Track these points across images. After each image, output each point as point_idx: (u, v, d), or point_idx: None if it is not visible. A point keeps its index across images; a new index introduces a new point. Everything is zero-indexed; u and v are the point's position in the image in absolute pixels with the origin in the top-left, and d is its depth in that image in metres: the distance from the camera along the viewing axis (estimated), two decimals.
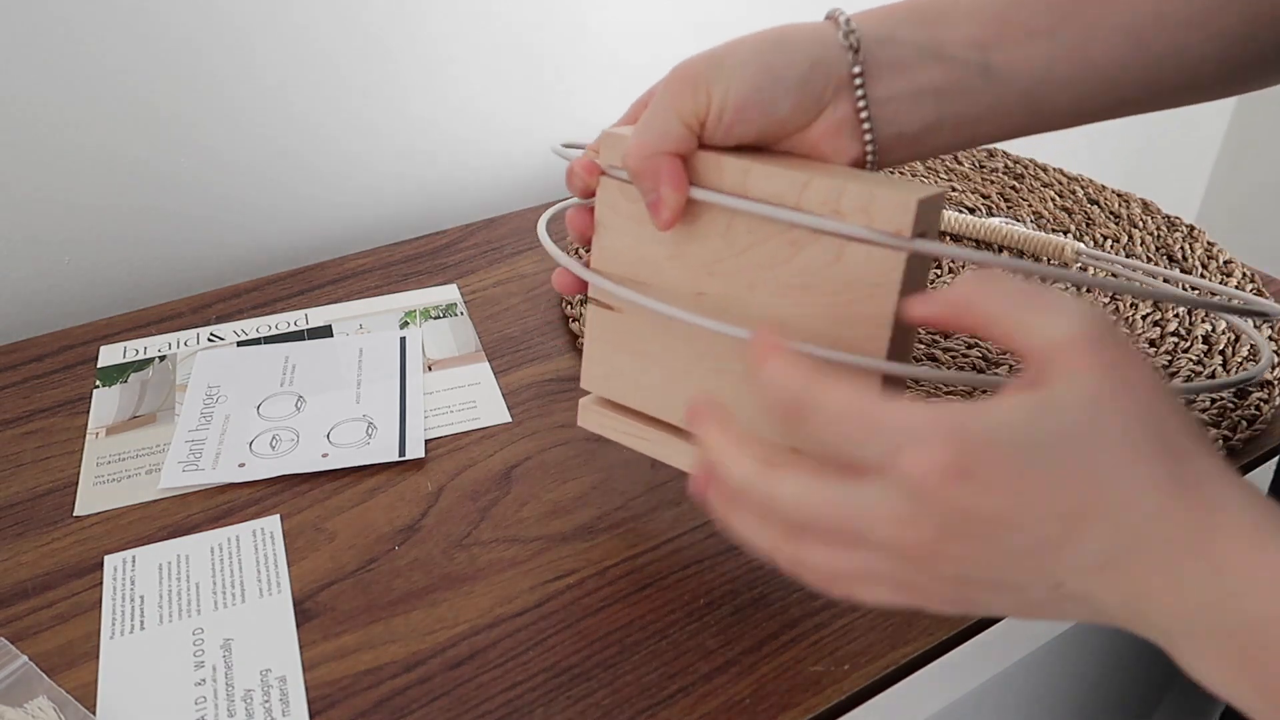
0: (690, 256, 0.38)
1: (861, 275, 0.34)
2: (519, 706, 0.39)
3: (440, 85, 0.76)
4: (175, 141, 0.68)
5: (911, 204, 0.32)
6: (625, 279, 0.40)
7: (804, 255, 0.35)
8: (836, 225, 0.34)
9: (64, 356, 0.60)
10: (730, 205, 0.36)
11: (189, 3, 0.64)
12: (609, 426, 0.43)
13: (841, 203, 0.34)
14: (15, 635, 0.43)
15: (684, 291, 0.38)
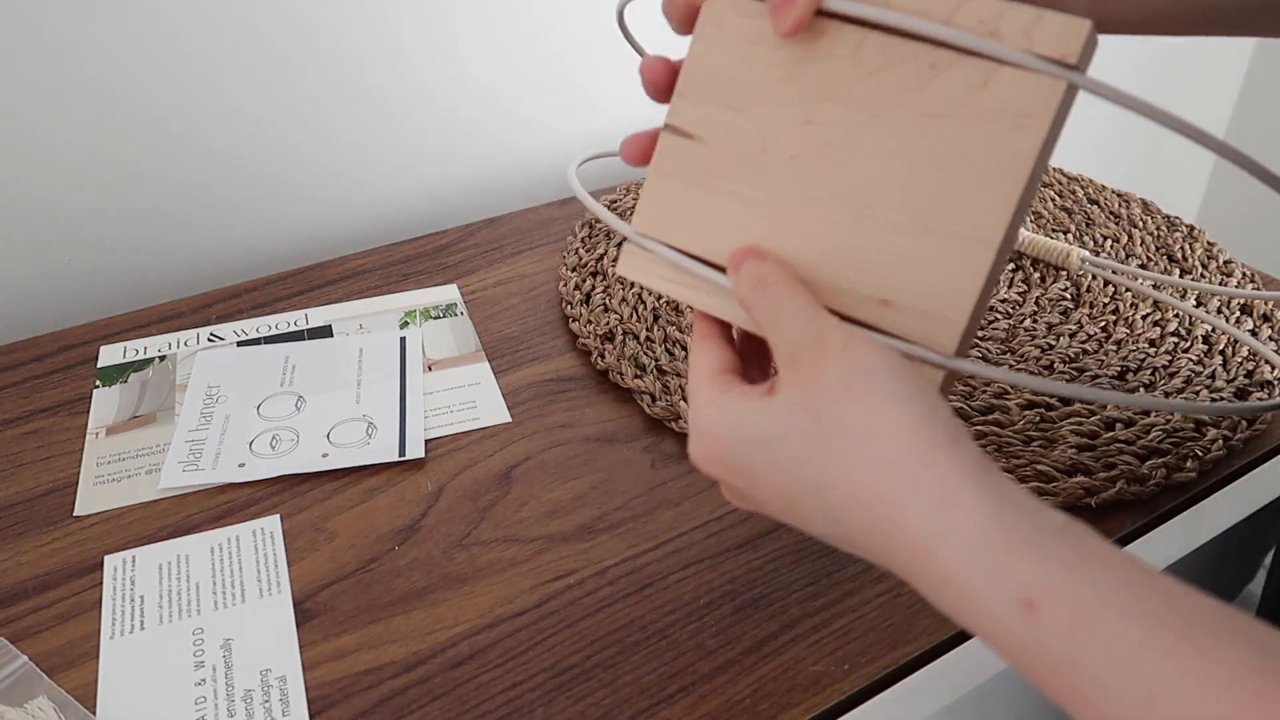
0: (807, 78, 0.34)
1: (1011, 104, 0.31)
2: (519, 706, 0.39)
3: (441, 85, 0.76)
4: (175, 142, 0.68)
5: (1084, 26, 0.30)
6: (718, 105, 0.36)
7: (944, 80, 0.32)
8: (994, 46, 0.30)
9: (64, 356, 0.60)
10: (874, 16, 0.32)
11: (188, 3, 0.64)
12: (659, 274, 0.38)
13: (1001, 23, 0.31)
14: (15, 635, 0.43)
15: (791, 120, 0.35)
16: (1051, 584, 0.24)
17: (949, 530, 0.26)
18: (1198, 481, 0.50)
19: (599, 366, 0.58)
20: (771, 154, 0.35)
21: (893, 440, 0.27)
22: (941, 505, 0.26)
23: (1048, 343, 0.58)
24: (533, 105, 0.81)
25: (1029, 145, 0.31)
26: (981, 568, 0.25)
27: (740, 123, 0.36)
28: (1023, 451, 0.50)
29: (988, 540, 0.25)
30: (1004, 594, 0.25)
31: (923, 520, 0.26)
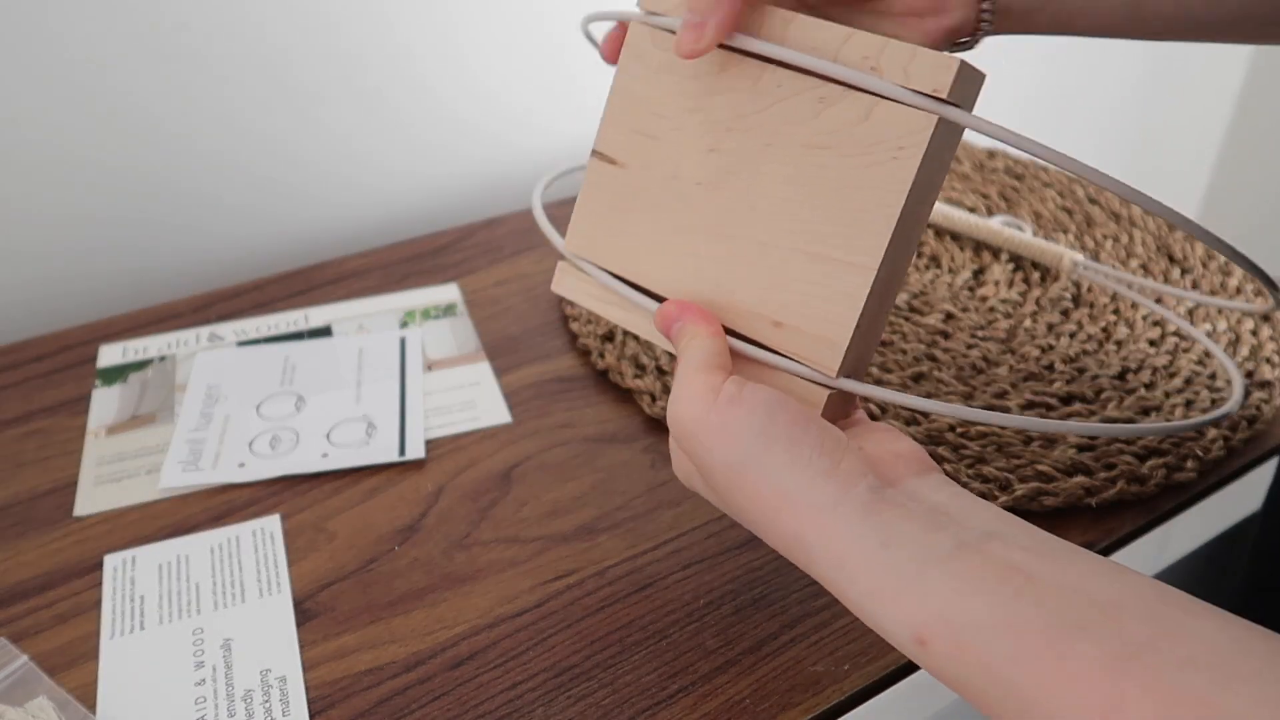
0: (712, 110, 0.37)
1: (888, 136, 0.33)
2: (519, 706, 0.39)
3: (441, 85, 0.76)
4: (175, 142, 0.68)
5: (954, 64, 0.31)
6: (637, 132, 0.39)
7: (831, 112, 0.34)
8: (872, 81, 0.32)
9: (64, 356, 0.60)
10: (771, 53, 0.34)
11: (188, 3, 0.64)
12: (585, 292, 0.41)
13: (882, 58, 0.33)
14: (15, 635, 0.43)
15: (697, 148, 0.37)
16: (935, 619, 0.27)
17: (849, 583, 0.29)
18: (1198, 481, 0.50)
19: (599, 366, 0.58)
20: (681, 180, 0.38)
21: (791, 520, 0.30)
22: (838, 564, 0.29)
23: (1048, 343, 0.58)
24: (533, 105, 0.81)
25: (904, 175, 0.33)
26: (879, 613, 0.28)
27: (655, 149, 0.38)
28: (1023, 451, 0.50)
29: (880, 589, 0.28)
30: (901, 633, 0.28)
31: (827, 573, 0.30)
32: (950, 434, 0.51)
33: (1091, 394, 0.54)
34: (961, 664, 0.26)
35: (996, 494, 0.47)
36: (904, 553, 0.28)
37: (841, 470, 0.30)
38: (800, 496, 0.30)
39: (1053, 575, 0.26)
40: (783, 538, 0.31)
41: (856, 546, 0.29)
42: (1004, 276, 0.64)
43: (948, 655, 0.27)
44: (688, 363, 0.34)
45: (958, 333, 0.59)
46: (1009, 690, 0.25)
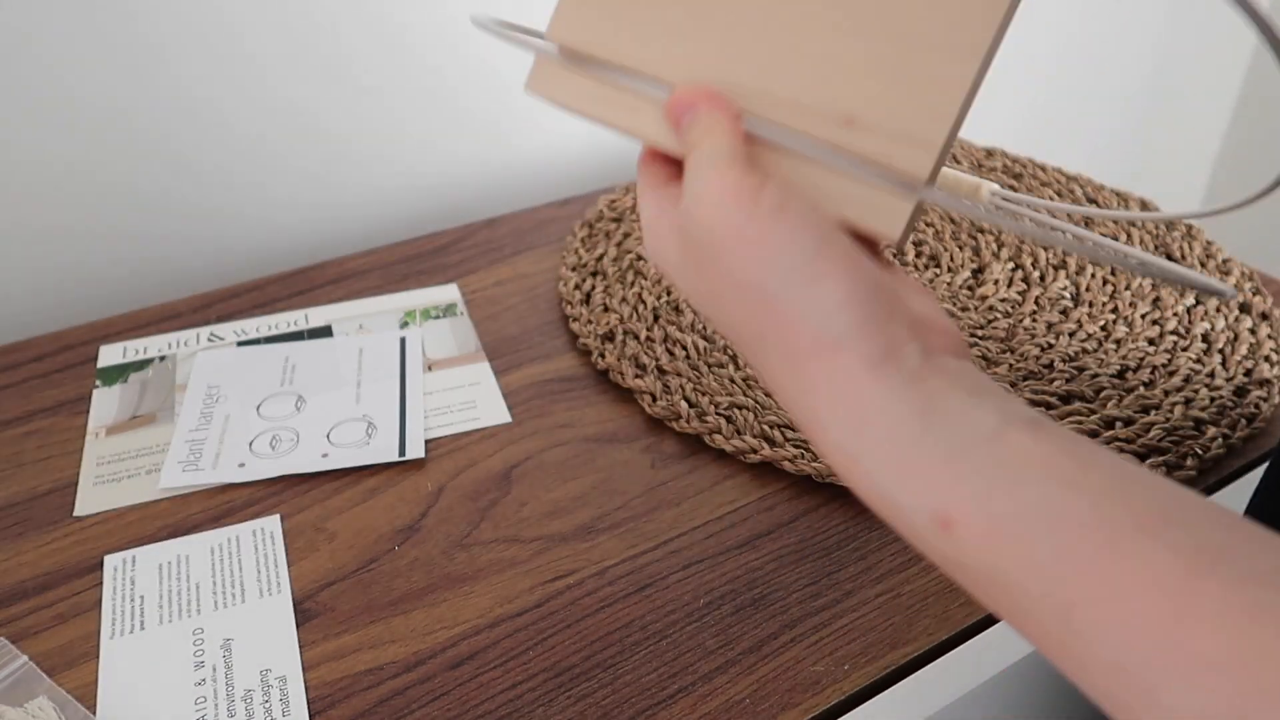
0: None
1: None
2: (519, 706, 0.39)
3: (441, 85, 0.76)
4: (175, 141, 0.68)
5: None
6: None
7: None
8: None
9: (64, 356, 0.60)
10: None
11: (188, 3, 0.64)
12: (575, 91, 0.33)
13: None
14: (15, 635, 0.43)
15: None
16: (968, 501, 0.24)
17: (866, 450, 0.25)
18: (1198, 480, 0.50)
19: (599, 366, 0.58)
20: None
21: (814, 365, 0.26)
22: (858, 427, 0.25)
23: (1047, 341, 0.58)
24: (533, 105, 0.81)
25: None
26: (896, 488, 0.25)
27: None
28: None
29: (906, 461, 0.25)
30: (922, 513, 0.24)
31: (840, 440, 0.26)
32: None
33: (1091, 393, 0.54)
34: (994, 554, 0.23)
35: None
36: (945, 426, 0.25)
37: (893, 325, 0.26)
38: (840, 344, 0.26)
39: (1110, 472, 0.23)
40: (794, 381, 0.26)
41: (891, 411, 0.25)
42: (1003, 276, 0.64)
43: (977, 543, 0.24)
44: (713, 154, 0.28)
45: None
46: (1051, 588, 0.22)
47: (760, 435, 0.51)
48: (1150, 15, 1.20)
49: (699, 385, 0.55)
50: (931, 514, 0.24)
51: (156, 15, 0.64)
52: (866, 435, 0.25)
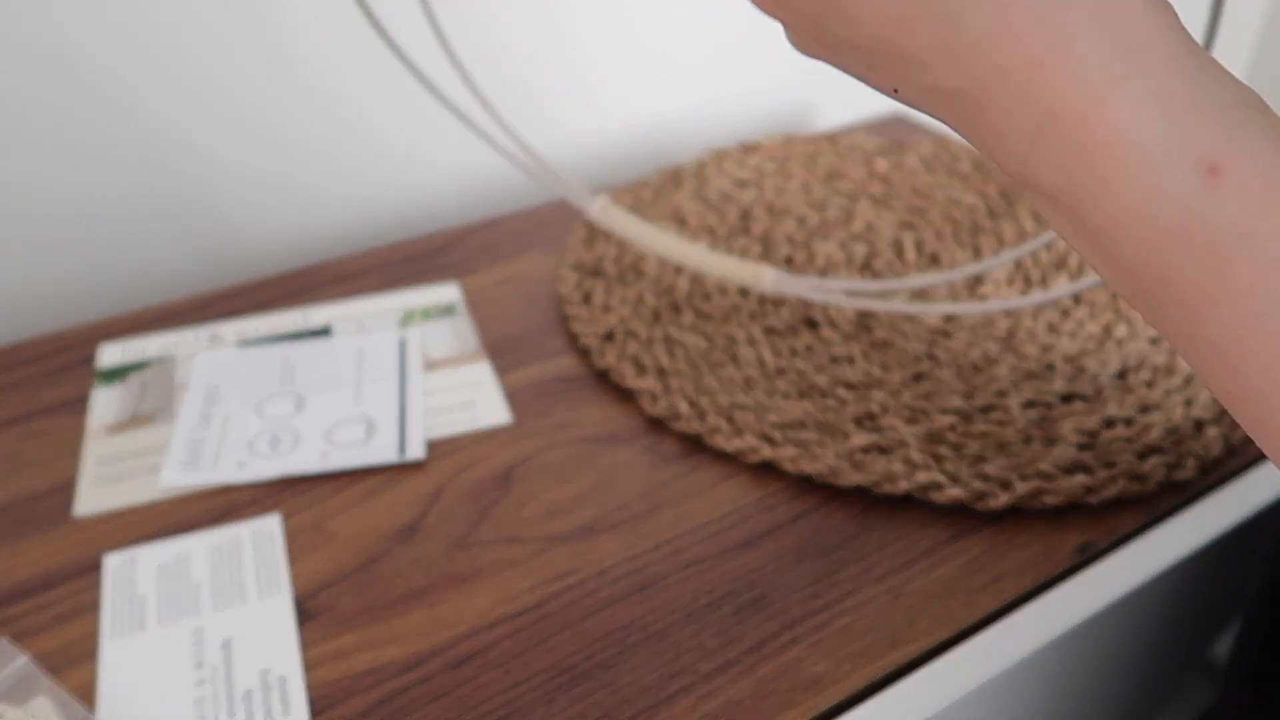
0: None
1: None
2: (519, 706, 0.39)
3: (440, 85, 0.76)
4: (174, 141, 0.68)
5: None
6: None
7: None
8: None
9: (64, 357, 0.60)
10: None
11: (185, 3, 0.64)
12: None
13: None
14: (15, 635, 0.43)
15: None
16: (1244, 151, 0.21)
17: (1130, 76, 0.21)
18: (1198, 480, 0.50)
19: (599, 366, 0.58)
20: None
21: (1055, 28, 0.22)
22: (1127, 48, 0.22)
23: (1048, 342, 0.58)
24: (533, 105, 0.81)
25: None
26: (1161, 124, 0.21)
27: None
28: (1023, 450, 0.50)
29: (1174, 94, 0.21)
30: (1185, 156, 0.21)
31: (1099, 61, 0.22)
32: (951, 433, 0.51)
33: (1092, 392, 0.54)
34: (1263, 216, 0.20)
35: (998, 493, 0.47)
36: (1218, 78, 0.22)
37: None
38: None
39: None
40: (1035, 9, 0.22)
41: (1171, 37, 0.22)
42: (1004, 275, 0.64)
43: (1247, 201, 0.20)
44: None
45: (958, 332, 0.59)
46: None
47: (760, 435, 0.51)
48: None
49: (699, 385, 0.55)
50: (1197, 159, 0.21)
51: (156, 16, 0.64)
52: (1138, 57, 0.21)
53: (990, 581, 0.45)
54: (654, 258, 0.66)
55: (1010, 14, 0.22)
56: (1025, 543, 0.46)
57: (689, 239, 0.68)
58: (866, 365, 0.56)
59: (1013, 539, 0.47)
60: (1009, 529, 0.47)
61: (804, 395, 0.54)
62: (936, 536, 0.47)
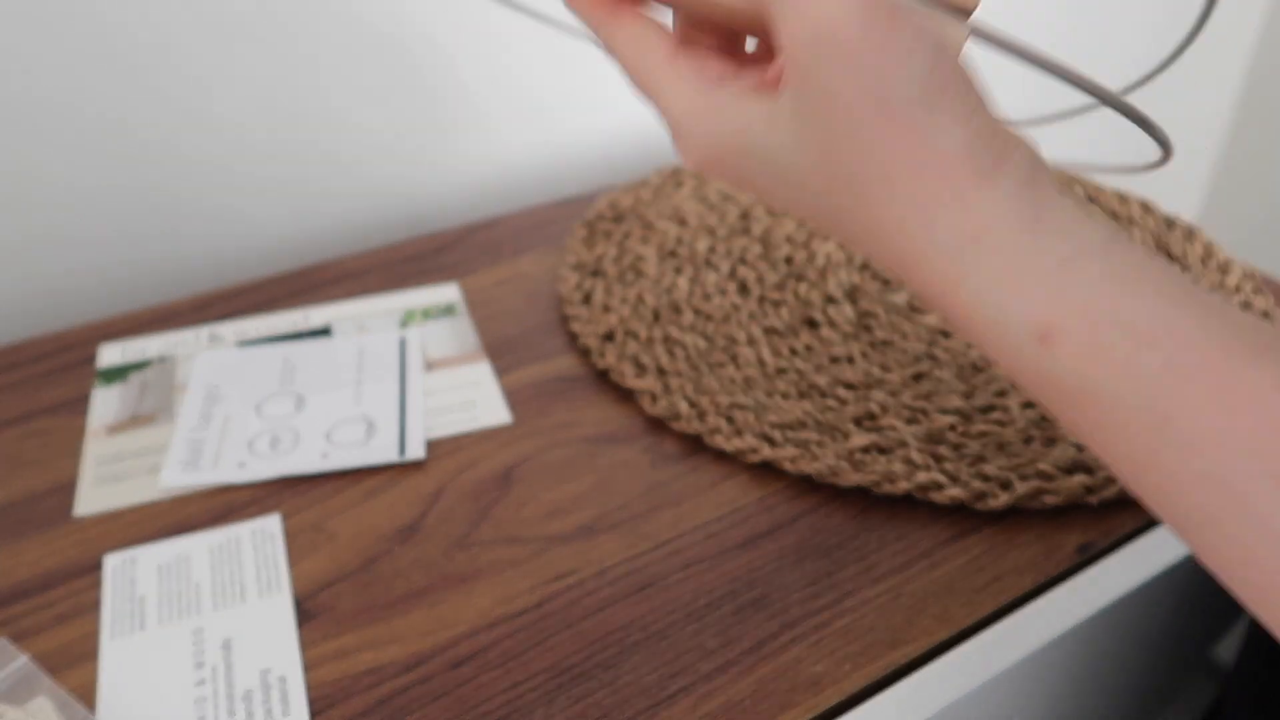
0: None
1: None
2: (519, 706, 0.39)
3: (440, 85, 0.76)
4: (174, 141, 0.68)
5: None
6: None
7: None
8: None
9: (64, 357, 0.60)
10: None
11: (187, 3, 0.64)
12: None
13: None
14: (15, 635, 0.43)
15: None
16: (1070, 313, 0.23)
17: (969, 273, 0.25)
18: None
19: (599, 366, 0.58)
20: None
21: (924, 177, 0.25)
22: (966, 244, 0.25)
23: None
24: (533, 104, 0.81)
25: None
26: (997, 308, 0.24)
27: None
28: (1023, 450, 0.50)
29: (1015, 271, 0.24)
30: (1023, 328, 0.24)
31: (944, 264, 0.25)
32: (951, 433, 0.51)
33: None
34: (1090, 368, 0.23)
35: (998, 493, 0.47)
36: (1055, 237, 0.24)
37: (1001, 134, 0.25)
38: (957, 155, 0.24)
39: (1214, 296, 0.24)
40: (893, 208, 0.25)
41: (1005, 220, 0.24)
42: None
43: (1075, 357, 0.23)
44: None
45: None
46: (1150, 401, 0.22)
47: (760, 435, 0.51)
48: (1151, 13, 1.20)
49: (699, 385, 0.55)
50: (1034, 326, 0.24)
51: (156, 15, 0.64)
52: (978, 246, 0.24)
53: (990, 581, 0.45)
54: (653, 258, 0.66)
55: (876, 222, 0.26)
56: (1025, 543, 0.46)
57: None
58: (866, 365, 0.56)
59: (1013, 539, 0.47)
60: (1009, 529, 0.47)
61: (804, 395, 0.54)
62: (936, 536, 0.47)
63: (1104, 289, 0.23)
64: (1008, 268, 0.24)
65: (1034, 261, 0.24)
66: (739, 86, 0.27)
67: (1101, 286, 0.23)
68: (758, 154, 0.27)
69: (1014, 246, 0.24)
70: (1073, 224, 0.24)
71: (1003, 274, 0.24)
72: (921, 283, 0.26)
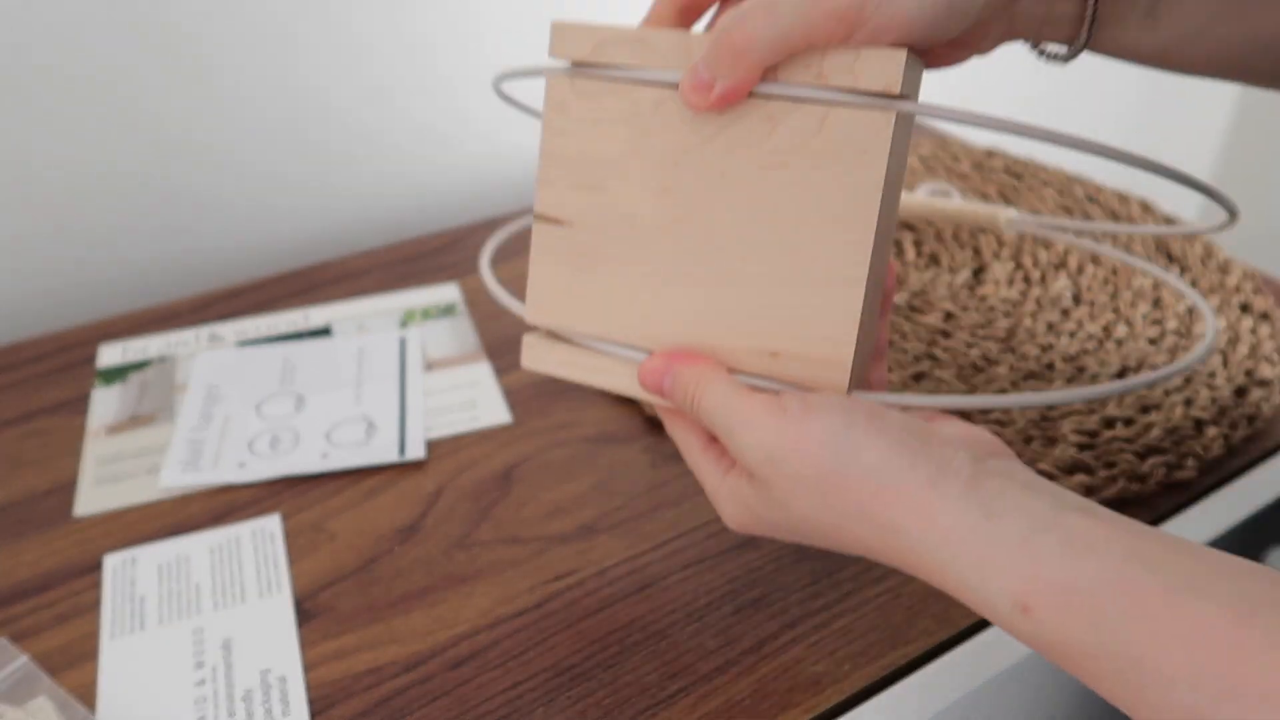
0: (654, 150, 0.35)
1: (848, 143, 0.32)
2: (519, 706, 0.39)
3: (440, 85, 0.76)
4: (174, 141, 0.68)
5: (900, 57, 0.31)
6: (578, 187, 0.37)
7: (782, 130, 0.33)
8: (822, 91, 0.32)
9: (64, 356, 0.60)
10: None
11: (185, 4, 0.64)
12: (558, 361, 0.39)
13: (825, 65, 0.31)
14: (15, 635, 0.43)
15: (648, 190, 0.35)
16: (1038, 588, 0.27)
17: (948, 564, 0.29)
18: (1198, 481, 0.50)
19: None
20: (638, 227, 0.36)
21: (884, 507, 0.30)
22: (939, 545, 0.29)
23: (1048, 341, 0.58)
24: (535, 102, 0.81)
25: (873, 179, 0.32)
26: (981, 587, 0.29)
27: (602, 201, 0.37)
28: (1023, 450, 0.50)
29: (987, 560, 0.28)
30: (1003, 603, 0.28)
31: (928, 560, 0.30)
32: None
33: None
34: (1066, 628, 0.27)
35: None
36: (1009, 521, 0.28)
37: (933, 448, 0.30)
38: (899, 481, 0.30)
39: (1158, 543, 0.27)
40: (877, 534, 0.31)
41: (962, 520, 0.29)
42: (1004, 275, 0.64)
43: (1052, 620, 0.27)
44: (727, 396, 0.33)
45: (957, 332, 0.59)
46: (1118, 650, 0.26)
47: None
48: None
49: None
50: (1013, 599, 0.28)
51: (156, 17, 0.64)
52: (948, 546, 0.29)
53: None
54: None
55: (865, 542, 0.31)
56: None
57: None
58: None
59: None
60: None
61: None
62: None
63: (1062, 561, 0.27)
64: (978, 557, 0.29)
65: (998, 549, 0.28)
66: (737, 472, 0.35)
67: (1060, 560, 0.27)
68: (765, 519, 0.34)
69: (977, 539, 0.29)
70: (1022, 506, 0.29)
71: (977, 562, 0.29)
72: (920, 572, 0.31)
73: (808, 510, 0.32)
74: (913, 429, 0.31)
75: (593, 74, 0.36)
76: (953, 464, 0.30)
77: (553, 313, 0.39)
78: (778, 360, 0.35)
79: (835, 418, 0.31)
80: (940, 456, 0.30)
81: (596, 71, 0.36)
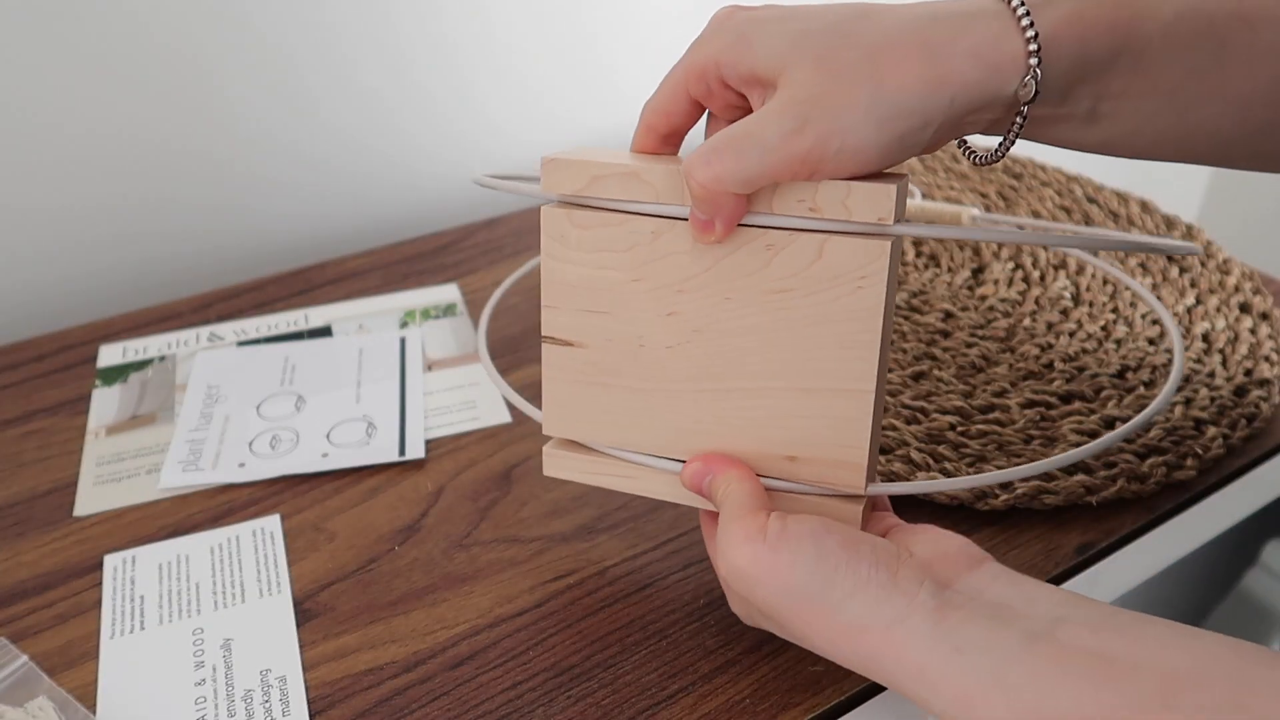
0: (657, 277, 0.36)
1: (847, 269, 0.34)
2: (519, 706, 0.39)
3: (440, 85, 0.76)
4: (174, 142, 0.68)
5: (891, 191, 0.32)
6: (583, 311, 0.38)
7: (782, 257, 0.34)
8: (820, 223, 0.33)
9: (64, 356, 0.60)
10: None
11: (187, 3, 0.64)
12: (581, 470, 0.41)
13: (818, 200, 0.33)
14: (15, 635, 0.43)
15: (654, 314, 0.37)
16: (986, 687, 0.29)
17: (933, 691, 0.31)
18: (1198, 480, 0.50)
19: None
20: (648, 347, 0.38)
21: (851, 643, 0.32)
22: (915, 677, 0.31)
23: (1047, 341, 0.58)
24: (534, 104, 0.81)
25: (874, 300, 0.34)
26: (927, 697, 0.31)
27: (609, 324, 0.38)
28: (1024, 450, 0.50)
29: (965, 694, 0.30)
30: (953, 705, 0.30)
31: (912, 687, 0.31)
32: (951, 433, 0.51)
33: (1091, 393, 0.54)
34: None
35: (998, 493, 0.47)
36: (978, 656, 0.30)
37: (900, 581, 0.32)
38: (866, 618, 0.32)
39: (1128, 653, 0.28)
40: (857, 658, 0.32)
41: (932, 656, 0.30)
42: (1003, 275, 0.64)
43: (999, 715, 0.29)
44: (728, 511, 0.35)
45: (957, 332, 0.59)
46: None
47: None
48: None
49: None
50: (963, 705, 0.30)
51: (155, 18, 0.64)
52: (925, 679, 0.31)
53: None
54: None
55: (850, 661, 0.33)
56: (1025, 543, 0.46)
57: None
58: None
59: (1013, 539, 0.47)
60: (1009, 529, 0.47)
61: None
62: None
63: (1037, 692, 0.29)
64: (958, 691, 0.30)
65: (975, 683, 0.30)
66: None
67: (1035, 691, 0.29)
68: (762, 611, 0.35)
69: (953, 674, 0.30)
70: (989, 640, 0.30)
71: (957, 696, 0.30)
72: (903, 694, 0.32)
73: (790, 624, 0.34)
74: (884, 556, 0.33)
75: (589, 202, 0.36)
76: (917, 598, 0.31)
77: (570, 425, 0.41)
78: (795, 464, 0.37)
79: (805, 544, 0.33)
80: (907, 590, 0.32)
81: (592, 200, 0.36)
